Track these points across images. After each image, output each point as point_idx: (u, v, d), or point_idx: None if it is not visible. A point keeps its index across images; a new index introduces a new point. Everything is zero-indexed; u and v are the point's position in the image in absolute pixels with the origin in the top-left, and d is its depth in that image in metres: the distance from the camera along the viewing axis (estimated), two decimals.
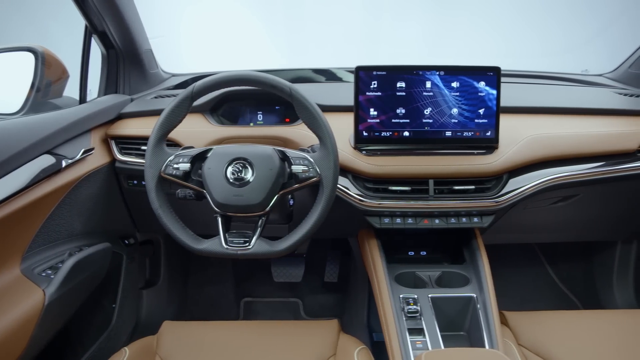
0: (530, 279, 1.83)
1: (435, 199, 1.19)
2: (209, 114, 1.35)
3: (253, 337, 1.12)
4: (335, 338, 1.10)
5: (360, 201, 1.20)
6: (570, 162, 1.26)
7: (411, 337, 1.01)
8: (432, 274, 1.21)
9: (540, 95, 1.45)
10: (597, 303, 1.70)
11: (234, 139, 1.29)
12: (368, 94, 1.21)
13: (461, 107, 1.22)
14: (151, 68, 1.50)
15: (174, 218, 1.05)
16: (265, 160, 1.03)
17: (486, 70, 1.21)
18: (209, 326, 1.16)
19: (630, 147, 1.28)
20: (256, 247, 1.02)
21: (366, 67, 1.21)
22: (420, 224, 1.21)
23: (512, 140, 1.24)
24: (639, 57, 1.52)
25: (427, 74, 1.21)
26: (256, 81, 1.06)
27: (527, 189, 1.22)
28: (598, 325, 1.15)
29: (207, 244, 1.03)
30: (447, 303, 1.12)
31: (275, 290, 1.77)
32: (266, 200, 1.02)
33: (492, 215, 1.22)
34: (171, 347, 1.09)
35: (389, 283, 1.13)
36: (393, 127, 1.23)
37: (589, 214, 1.40)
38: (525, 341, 1.11)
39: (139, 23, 1.35)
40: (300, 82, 1.52)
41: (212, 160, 1.04)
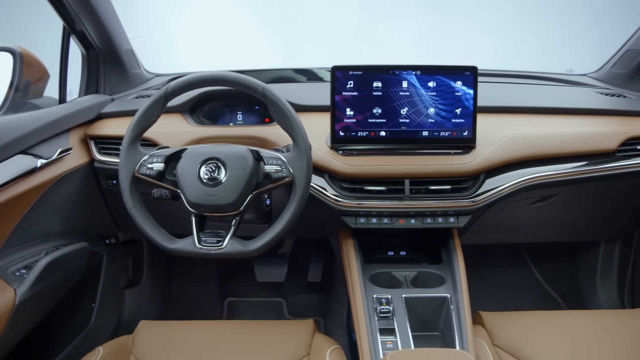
0: (514, 279, 1.83)
1: (411, 199, 1.19)
2: (188, 114, 1.36)
3: (228, 336, 1.12)
4: (310, 338, 1.10)
5: (336, 201, 1.20)
6: (548, 162, 1.26)
7: (382, 337, 1.01)
8: (407, 274, 1.21)
9: (521, 95, 1.45)
10: (581, 303, 1.69)
11: (212, 138, 1.29)
12: (344, 93, 1.21)
13: (438, 106, 1.22)
14: (133, 68, 1.50)
15: (147, 218, 1.05)
16: (238, 160, 1.03)
17: (463, 69, 1.21)
18: (185, 326, 1.16)
19: (609, 147, 1.28)
20: (229, 246, 1.02)
21: (342, 66, 1.21)
22: (396, 224, 1.21)
23: (489, 140, 1.24)
24: (621, 57, 1.52)
25: (404, 73, 1.21)
26: (229, 81, 1.07)
27: (504, 189, 1.21)
28: (573, 325, 1.14)
29: (180, 244, 1.04)
30: (421, 303, 1.12)
31: (259, 290, 1.77)
32: (239, 199, 1.02)
33: (469, 215, 1.22)
34: (146, 346, 1.09)
35: (363, 283, 1.13)
36: (369, 127, 1.23)
37: (569, 214, 1.40)
38: (500, 341, 1.11)
39: (118, 23, 1.36)
40: (281, 82, 1.52)
41: (186, 160, 1.04)
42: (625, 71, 1.51)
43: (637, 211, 1.43)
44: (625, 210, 1.42)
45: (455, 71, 1.20)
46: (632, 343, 1.09)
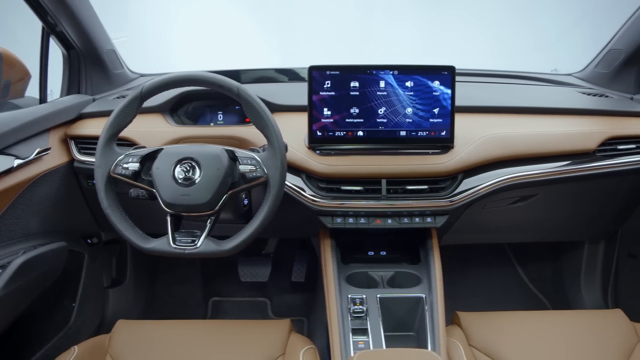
0: (500, 279, 1.83)
1: (388, 199, 1.19)
2: (169, 114, 1.36)
3: (205, 336, 1.12)
4: (285, 338, 1.10)
5: (313, 201, 1.20)
6: (527, 162, 1.26)
7: (355, 338, 1.01)
8: (384, 274, 1.20)
9: (503, 95, 1.45)
10: (566, 303, 1.69)
11: (192, 138, 1.29)
12: (322, 93, 1.21)
13: (415, 106, 1.22)
14: (115, 68, 1.50)
15: (122, 217, 1.05)
16: (212, 160, 1.03)
17: (441, 69, 1.20)
18: (163, 325, 1.16)
19: (589, 147, 1.28)
20: (203, 246, 1.02)
21: (319, 66, 1.21)
22: (372, 223, 1.21)
23: (468, 139, 1.24)
24: (604, 57, 1.51)
25: (381, 73, 1.21)
26: (204, 81, 1.07)
27: (482, 188, 1.21)
28: (550, 325, 1.14)
29: (155, 243, 1.04)
30: (397, 303, 1.12)
31: (244, 290, 1.77)
32: (214, 199, 1.02)
33: (446, 215, 1.22)
34: (123, 345, 1.09)
35: (338, 283, 1.13)
36: (347, 126, 1.23)
37: (550, 214, 1.39)
38: (476, 342, 1.11)
39: (98, 24, 1.36)
40: (264, 82, 1.52)
41: (161, 160, 1.05)
42: (607, 71, 1.50)
43: (619, 211, 1.43)
44: (607, 210, 1.42)
45: (433, 71, 1.20)
46: (607, 343, 1.09)
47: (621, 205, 1.41)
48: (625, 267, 1.51)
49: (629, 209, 1.43)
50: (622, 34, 1.41)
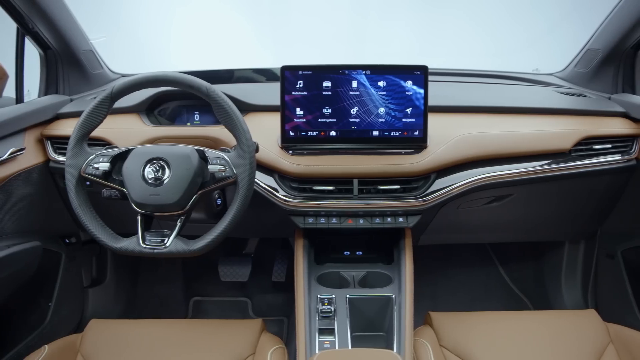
0: (482, 280, 1.82)
1: (360, 199, 1.19)
2: (145, 114, 1.36)
3: (177, 335, 1.12)
4: (256, 337, 1.11)
5: (285, 201, 1.20)
6: (501, 162, 1.26)
7: (321, 337, 1.01)
8: (356, 274, 1.20)
9: (480, 95, 1.44)
10: (547, 304, 1.68)
11: (167, 138, 1.29)
12: (294, 93, 1.21)
13: (388, 106, 1.22)
14: (94, 69, 1.50)
15: (93, 217, 1.06)
16: (182, 160, 1.03)
17: (413, 69, 1.20)
18: (136, 324, 1.16)
19: (564, 146, 1.27)
20: (172, 246, 1.03)
21: (291, 66, 1.20)
22: (344, 223, 1.21)
23: (442, 139, 1.24)
24: (582, 56, 1.51)
25: (353, 73, 1.20)
26: (173, 81, 1.07)
27: (454, 188, 1.21)
28: (522, 326, 1.14)
29: (125, 243, 1.04)
30: (366, 303, 1.12)
31: (225, 290, 1.77)
32: (183, 199, 1.02)
33: (418, 215, 1.21)
34: (95, 345, 1.09)
35: (307, 283, 1.13)
36: (320, 126, 1.23)
37: (526, 214, 1.39)
38: (447, 342, 1.10)
39: (74, 24, 1.36)
40: (242, 82, 1.52)
41: (131, 160, 1.05)
42: (586, 70, 1.50)
43: (596, 211, 1.43)
44: (584, 210, 1.41)
45: (406, 71, 1.20)
46: (578, 343, 1.09)
47: (598, 205, 1.40)
48: (604, 267, 1.51)
49: (607, 209, 1.43)
50: (599, 34, 1.40)
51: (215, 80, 1.47)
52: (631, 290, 1.39)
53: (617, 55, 1.39)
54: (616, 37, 1.33)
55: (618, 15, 1.31)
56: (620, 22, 1.30)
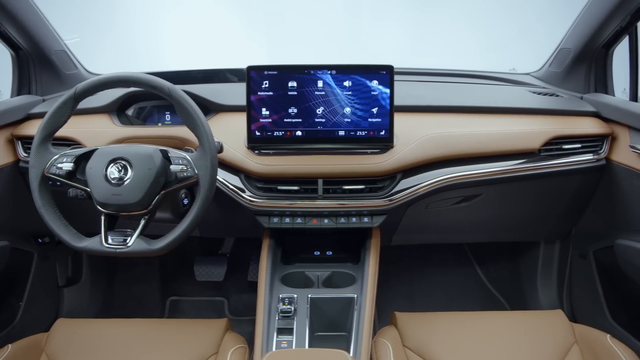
0: (458, 279, 1.82)
1: (325, 199, 1.19)
2: (115, 114, 1.36)
3: (142, 334, 1.12)
4: (220, 337, 1.11)
5: (250, 201, 1.20)
6: (468, 162, 1.25)
7: (280, 337, 1.01)
8: (321, 273, 1.20)
9: (453, 94, 1.44)
10: (523, 304, 1.68)
11: (136, 138, 1.29)
12: (260, 93, 1.22)
13: (354, 106, 1.22)
14: (67, 69, 1.51)
15: (56, 216, 1.06)
16: (144, 160, 1.04)
17: (379, 68, 1.20)
18: (103, 324, 1.17)
19: (532, 146, 1.27)
20: (134, 245, 1.03)
21: (257, 66, 1.21)
22: (308, 223, 1.21)
23: (409, 139, 1.23)
24: (555, 56, 1.50)
25: (319, 73, 1.20)
26: (136, 81, 1.08)
27: (419, 188, 1.21)
28: (488, 326, 1.14)
29: (87, 243, 1.05)
30: (329, 303, 1.12)
31: (202, 290, 1.78)
32: (145, 199, 1.03)
33: (384, 215, 1.21)
34: (59, 344, 1.10)
35: (269, 283, 1.13)
36: (285, 126, 1.23)
37: (497, 214, 1.39)
38: (411, 342, 1.10)
39: (44, 25, 1.36)
40: (215, 82, 1.52)
41: (94, 160, 1.06)
42: (559, 70, 1.49)
43: (568, 211, 1.42)
44: (556, 210, 1.41)
45: (371, 70, 1.20)
46: (543, 343, 1.08)
47: (570, 205, 1.40)
48: (578, 267, 1.50)
49: (579, 209, 1.42)
50: (570, 33, 1.40)
51: (188, 81, 1.49)
52: (601, 290, 1.38)
53: (588, 55, 1.38)
54: (586, 37, 1.33)
55: (587, 15, 1.31)
56: (589, 22, 1.30)
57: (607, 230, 1.34)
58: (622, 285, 1.31)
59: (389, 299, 1.75)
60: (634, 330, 1.29)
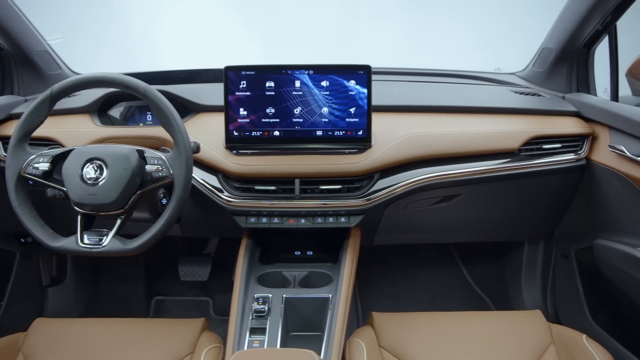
0: (443, 279, 1.82)
1: (302, 199, 1.19)
2: (97, 114, 1.37)
3: (120, 334, 1.13)
4: (196, 336, 1.11)
5: (228, 201, 1.20)
6: (448, 162, 1.25)
7: (252, 337, 1.02)
8: (298, 273, 1.21)
9: (434, 94, 1.44)
10: (508, 304, 1.68)
11: (116, 138, 1.30)
12: (237, 93, 1.22)
13: (332, 106, 1.22)
14: (51, 69, 1.51)
15: (32, 216, 1.07)
16: (120, 160, 1.04)
17: (356, 68, 1.20)
18: (81, 323, 1.17)
19: (512, 146, 1.27)
20: (110, 245, 1.04)
21: (234, 67, 1.21)
22: (285, 223, 1.21)
23: (387, 139, 1.23)
24: (538, 56, 1.50)
25: (296, 73, 1.21)
26: (112, 82, 1.08)
27: (397, 188, 1.21)
28: (465, 326, 1.14)
29: (63, 242, 1.05)
30: (304, 303, 1.12)
31: (187, 289, 1.78)
32: (120, 199, 1.03)
33: (361, 215, 1.21)
34: (37, 344, 1.10)
35: (244, 282, 1.13)
36: (263, 126, 1.23)
37: (478, 214, 1.39)
38: (386, 342, 1.10)
39: (24, 26, 1.36)
40: (197, 83, 1.53)
41: (70, 160, 1.06)
42: (542, 70, 1.49)
43: (550, 211, 1.42)
44: (537, 210, 1.40)
45: (349, 70, 1.20)
46: (519, 344, 1.08)
47: (552, 205, 1.40)
48: (560, 267, 1.50)
49: (561, 209, 1.42)
50: (551, 33, 1.40)
51: (171, 81, 1.49)
52: (582, 291, 1.38)
53: (569, 54, 1.38)
54: (566, 36, 1.33)
55: (566, 15, 1.31)
56: (568, 21, 1.30)
57: (588, 230, 1.33)
58: (602, 285, 1.30)
59: (374, 299, 1.75)
60: (613, 330, 1.28)
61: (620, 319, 1.28)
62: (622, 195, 1.19)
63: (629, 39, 1.47)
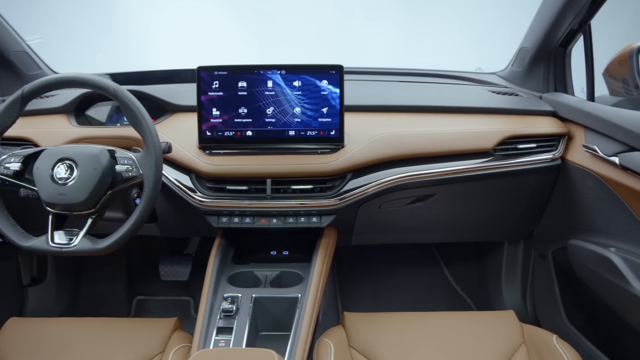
0: (425, 280, 1.81)
1: (273, 199, 1.19)
2: (73, 114, 1.37)
3: (93, 333, 1.13)
4: (168, 336, 1.11)
5: (200, 201, 1.20)
6: (422, 162, 1.25)
7: (219, 336, 1.02)
8: (269, 273, 1.20)
9: (409, 93, 1.44)
10: (488, 304, 1.67)
11: (92, 139, 1.30)
12: (210, 94, 1.22)
13: (304, 106, 1.22)
14: (29, 69, 1.52)
15: (3, 215, 1.08)
16: (90, 160, 1.05)
17: (328, 68, 1.20)
18: (55, 322, 1.17)
19: (486, 146, 1.26)
20: (80, 244, 1.04)
21: (207, 67, 1.21)
22: (257, 223, 1.21)
23: (360, 139, 1.23)
24: (517, 55, 1.49)
25: (268, 73, 1.21)
26: (83, 82, 1.09)
27: (368, 188, 1.21)
28: (437, 327, 1.13)
29: (34, 242, 1.06)
30: (273, 303, 1.12)
31: (168, 289, 1.78)
32: (90, 199, 1.04)
33: (333, 215, 1.21)
34: (9, 343, 1.11)
35: (214, 282, 1.13)
36: (236, 126, 1.23)
37: (453, 214, 1.38)
38: (357, 342, 1.10)
39: (1, 26, 1.37)
40: (176, 83, 1.53)
41: (41, 160, 1.07)
42: (520, 69, 1.48)
43: (527, 211, 1.41)
44: (514, 209, 1.40)
45: (321, 70, 1.20)
46: (490, 344, 1.08)
47: (528, 205, 1.39)
48: (539, 267, 1.49)
49: (538, 209, 1.41)
50: (527, 32, 1.39)
51: (150, 81, 1.49)
52: (558, 291, 1.37)
53: (545, 54, 1.37)
54: (541, 36, 1.32)
55: (541, 14, 1.30)
56: (543, 21, 1.29)
57: (565, 230, 1.33)
58: (576, 286, 1.30)
59: (355, 299, 1.75)
60: (586, 331, 1.28)
61: (593, 319, 1.28)
62: (596, 195, 1.18)
63: (607, 39, 1.47)
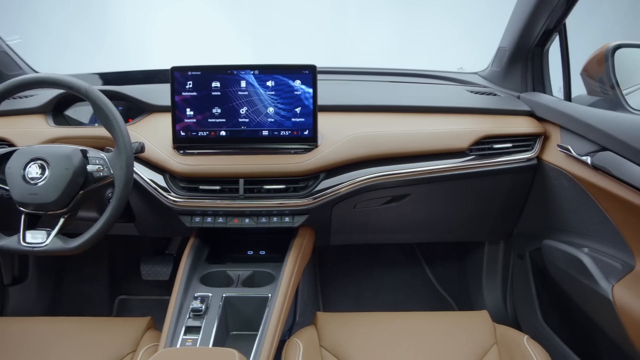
0: (407, 280, 1.81)
1: (246, 199, 1.19)
2: (51, 114, 1.38)
3: (64, 332, 1.13)
4: (140, 335, 1.12)
5: (173, 201, 1.21)
6: (397, 161, 1.25)
7: (186, 336, 1.02)
8: (242, 272, 1.21)
9: (387, 93, 1.44)
10: (469, 304, 1.67)
11: (68, 139, 1.30)
12: (184, 94, 1.22)
13: (277, 106, 1.22)
14: (10, 70, 1.52)
15: None
16: (61, 160, 1.05)
17: (301, 68, 1.20)
18: (26, 322, 1.18)
19: (461, 146, 1.26)
20: (51, 244, 1.05)
21: (181, 67, 1.21)
22: (230, 223, 1.21)
23: (334, 139, 1.23)
24: (496, 55, 1.49)
25: (242, 73, 1.21)
26: (54, 82, 1.09)
27: (341, 188, 1.21)
28: (410, 327, 1.13)
29: (5, 242, 1.07)
30: (244, 302, 1.12)
31: (151, 288, 1.79)
32: (62, 198, 1.04)
33: (305, 215, 1.21)
34: None
35: (185, 281, 1.14)
36: (210, 126, 1.23)
37: (429, 214, 1.38)
38: (327, 342, 1.10)
39: None
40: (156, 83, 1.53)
41: (13, 160, 1.08)
42: (499, 69, 1.48)
43: (504, 211, 1.41)
44: (491, 209, 1.40)
45: (294, 70, 1.20)
46: (462, 344, 1.08)
47: (505, 205, 1.39)
48: (517, 268, 1.49)
49: (516, 209, 1.41)
50: (504, 32, 1.39)
51: (129, 81, 1.50)
52: (535, 291, 1.37)
53: (522, 54, 1.37)
54: (517, 36, 1.32)
55: (516, 13, 1.30)
56: (518, 20, 1.29)
57: (541, 230, 1.33)
58: (551, 286, 1.30)
59: (336, 299, 1.75)
60: (561, 331, 1.28)
61: (567, 320, 1.27)
62: (570, 195, 1.18)
63: (584, 38, 1.47)
